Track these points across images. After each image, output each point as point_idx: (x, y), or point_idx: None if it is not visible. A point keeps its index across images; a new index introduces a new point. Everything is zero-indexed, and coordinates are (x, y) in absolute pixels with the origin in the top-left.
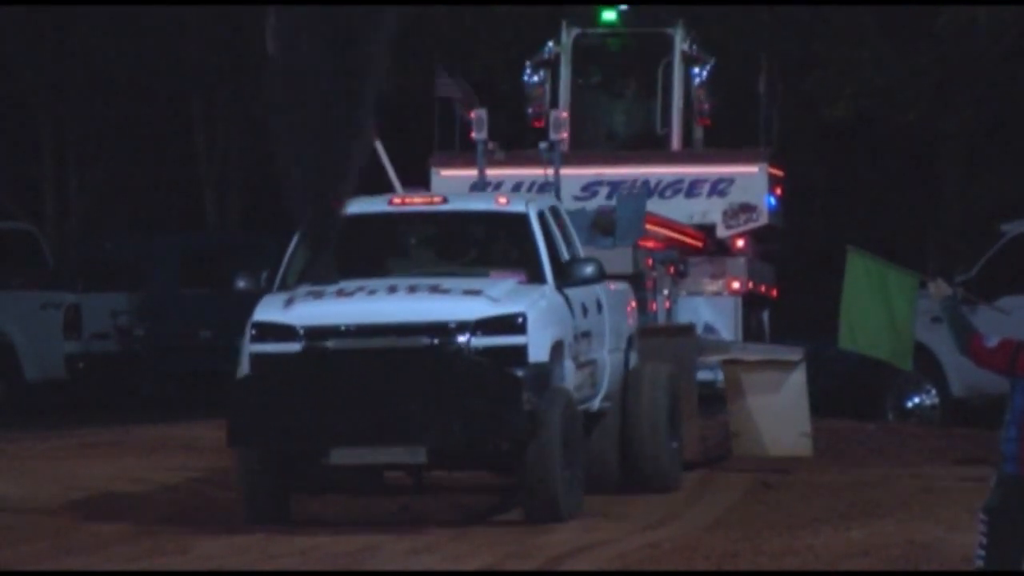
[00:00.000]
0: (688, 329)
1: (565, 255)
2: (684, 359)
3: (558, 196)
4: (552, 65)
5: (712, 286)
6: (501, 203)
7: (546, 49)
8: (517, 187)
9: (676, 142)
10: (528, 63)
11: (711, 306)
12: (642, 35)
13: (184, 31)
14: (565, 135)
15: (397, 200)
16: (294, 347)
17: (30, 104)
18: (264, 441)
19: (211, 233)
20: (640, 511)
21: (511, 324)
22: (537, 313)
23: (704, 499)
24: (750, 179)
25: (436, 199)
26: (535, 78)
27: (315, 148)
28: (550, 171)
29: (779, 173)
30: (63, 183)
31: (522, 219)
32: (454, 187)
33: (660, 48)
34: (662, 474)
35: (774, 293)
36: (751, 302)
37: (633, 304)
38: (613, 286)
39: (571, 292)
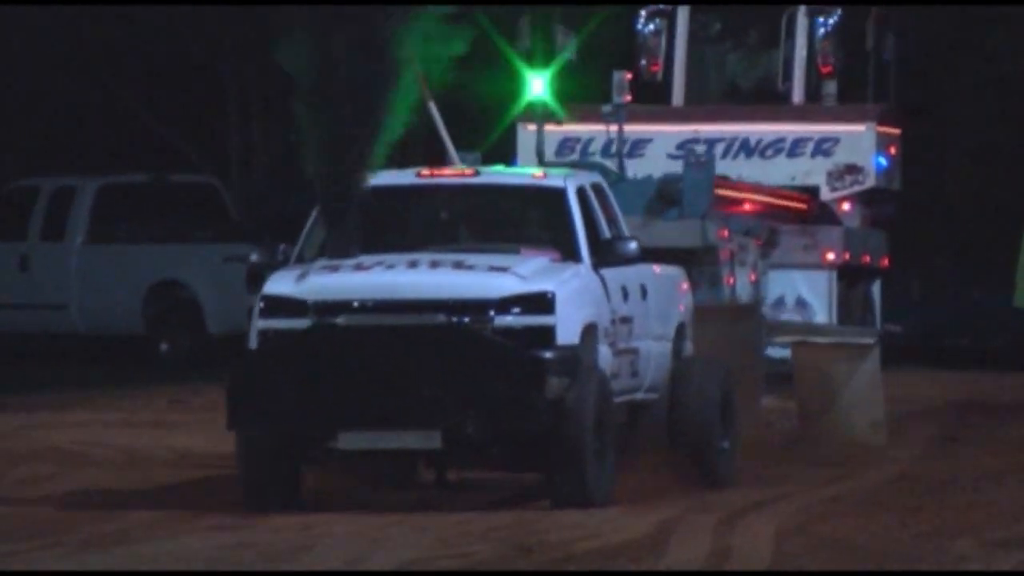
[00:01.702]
0: (751, 309)
1: (606, 234)
2: (749, 341)
3: (621, 159)
4: (668, 14)
5: (804, 257)
6: (537, 177)
7: None
8: (586, 145)
9: (798, 98)
10: (642, 11)
11: (804, 280)
12: None
13: None
14: (628, 98)
15: (425, 172)
16: (304, 323)
17: (216, 58)
18: (266, 423)
19: None
20: (826, 465)
21: (539, 303)
22: (568, 292)
23: (888, 453)
24: (856, 138)
25: (468, 172)
26: (650, 27)
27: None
28: (614, 128)
29: (893, 131)
30: (248, 137)
31: (559, 194)
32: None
33: None
34: (711, 473)
35: (885, 262)
36: (854, 275)
37: (685, 288)
38: (660, 269)
39: (611, 274)
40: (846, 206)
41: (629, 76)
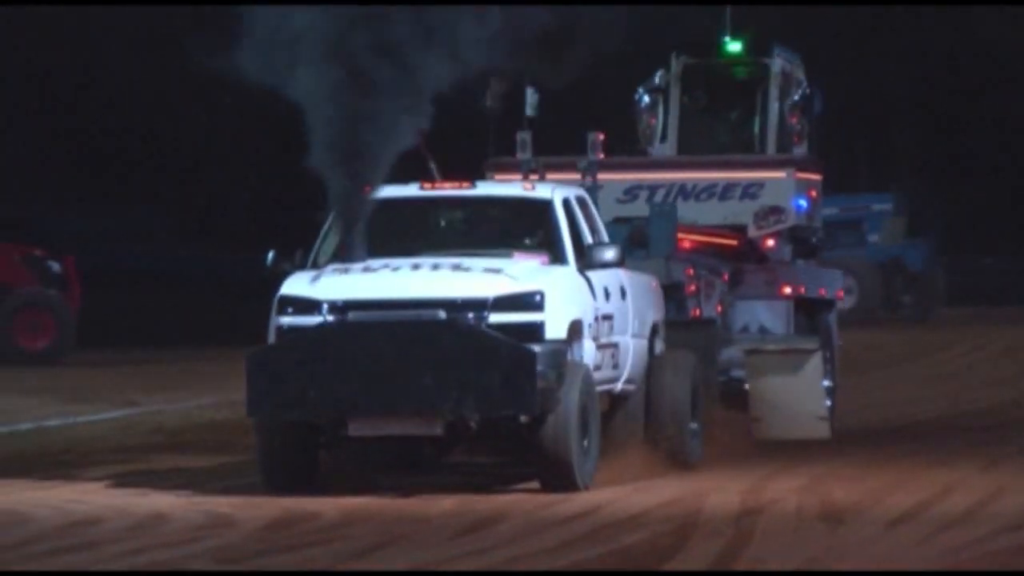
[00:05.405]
0: (709, 322)
1: (589, 240)
2: (707, 350)
3: (596, 207)
4: (663, 92)
5: (764, 291)
6: (527, 189)
7: (657, 77)
8: None
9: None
10: (641, 88)
11: (765, 311)
12: (745, 64)
13: None
14: (601, 155)
15: (427, 185)
16: (317, 320)
17: None
18: (281, 411)
19: None
20: None
21: (529, 301)
22: (555, 292)
23: None
24: (778, 184)
25: (465, 184)
26: (646, 99)
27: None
28: (588, 178)
29: (814, 177)
30: None
31: (546, 205)
32: None
33: (761, 75)
34: (682, 453)
35: (839, 295)
36: (812, 307)
37: (659, 292)
38: (635, 276)
39: (594, 276)
40: (770, 242)
41: (601, 137)
